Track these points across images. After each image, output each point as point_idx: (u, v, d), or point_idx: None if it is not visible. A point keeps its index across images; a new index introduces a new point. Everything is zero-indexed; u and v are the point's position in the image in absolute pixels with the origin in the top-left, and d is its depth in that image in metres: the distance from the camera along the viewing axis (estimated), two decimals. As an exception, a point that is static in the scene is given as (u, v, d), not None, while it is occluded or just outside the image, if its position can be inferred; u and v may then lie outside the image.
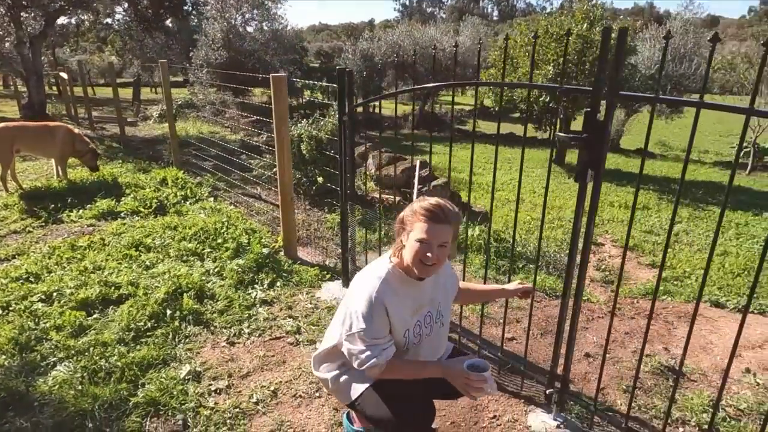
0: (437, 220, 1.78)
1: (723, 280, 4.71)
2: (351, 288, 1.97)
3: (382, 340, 1.84)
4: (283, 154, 3.88)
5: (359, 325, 1.81)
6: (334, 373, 2.03)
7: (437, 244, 1.79)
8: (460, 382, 1.81)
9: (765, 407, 2.63)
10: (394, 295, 1.85)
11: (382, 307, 1.81)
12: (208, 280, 3.63)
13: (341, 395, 2.05)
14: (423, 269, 1.82)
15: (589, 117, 1.92)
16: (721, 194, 8.88)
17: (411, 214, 1.84)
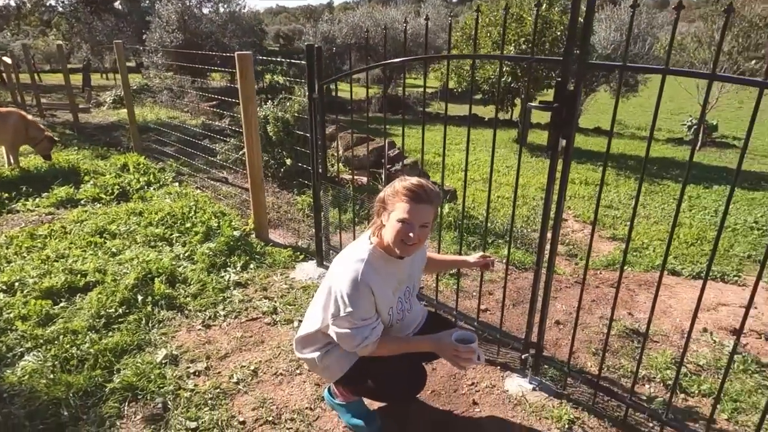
0: (419, 200, 1.79)
1: (678, 250, 4.96)
2: (333, 271, 1.97)
3: (370, 319, 1.87)
4: (251, 135, 3.81)
5: (347, 308, 1.82)
6: (320, 353, 2.05)
7: (419, 225, 1.81)
8: (450, 354, 1.87)
9: (721, 363, 2.81)
10: (377, 275, 1.88)
11: (367, 288, 1.83)
12: (178, 264, 3.56)
13: (328, 373, 2.08)
14: (404, 249, 1.85)
15: (559, 87, 1.97)
16: (674, 169, 9.29)
17: (393, 194, 1.83)
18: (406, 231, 1.80)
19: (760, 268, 1.77)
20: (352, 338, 1.85)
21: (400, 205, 1.80)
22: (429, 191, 1.82)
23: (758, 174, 9.43)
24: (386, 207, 1.85)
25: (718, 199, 7.08)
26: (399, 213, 1.80)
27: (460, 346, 1.83)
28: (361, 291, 1.81)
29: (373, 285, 1.84)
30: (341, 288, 1.84)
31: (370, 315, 1.86)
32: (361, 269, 1.84)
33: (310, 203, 4.76)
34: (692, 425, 2.23)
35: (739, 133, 13.99)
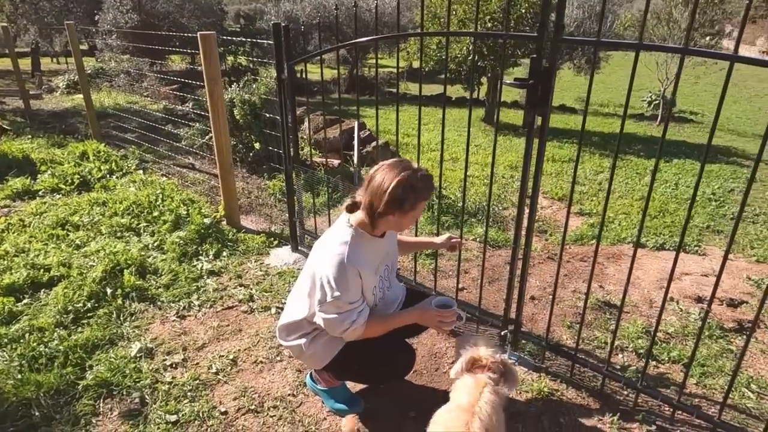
0: (430, 195, 1.87)
1: (644, 222, 5.11)
2: (315, 257, 1.94)
3: (357, 303, 1.85)
4: (218, 119, 3.69)
5: (334, 292, 1.80)
6: (306, 340, 2.02)
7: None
8: (435, 322, 1.92)
9: (688, 330, 2.93)
10: (361, 256, 1.86)
11: (354, 270, 1.81)
12: (148, 255, 3.45)
13: (314, 360, 2.06)
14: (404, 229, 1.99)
15: (534, 64, 1.96)
16: (636, 144, 9.53)
17: (416, 195, 1.79)
18: (416, 221, 2.03)
19: (729, 240, 1.83)
20: (340, 323, 1.83)
21: (420, 204, 1.85)
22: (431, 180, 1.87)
23: (715, 147, 9.78)
24: (403, 203, 1.79)
25: (678, 173, 7.32)
26: (418, 211, 1.88)
27: (443, 311, 1.92)
28: (348, 274, 1.79)
29: (359, 266, 1.83)
30: (327, 273, 1.81)
31: (357, 298, 1.85)
32: (346, 252, 1.81)
33: (281, 188, 4.68)
34: (664, 391, 2.32)
35: (695, 108, 14.46)
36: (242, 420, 2.18)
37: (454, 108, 13.75)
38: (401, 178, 1.76)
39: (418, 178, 1.79)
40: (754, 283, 3.59)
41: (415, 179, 1.78)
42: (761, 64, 1.52)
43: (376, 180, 1.81)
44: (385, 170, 1.81)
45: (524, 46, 10.15)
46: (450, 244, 2.33)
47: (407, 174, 1.78)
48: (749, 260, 4.13)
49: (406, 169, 1.80)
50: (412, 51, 12.74)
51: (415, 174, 1.79)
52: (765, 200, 5.98)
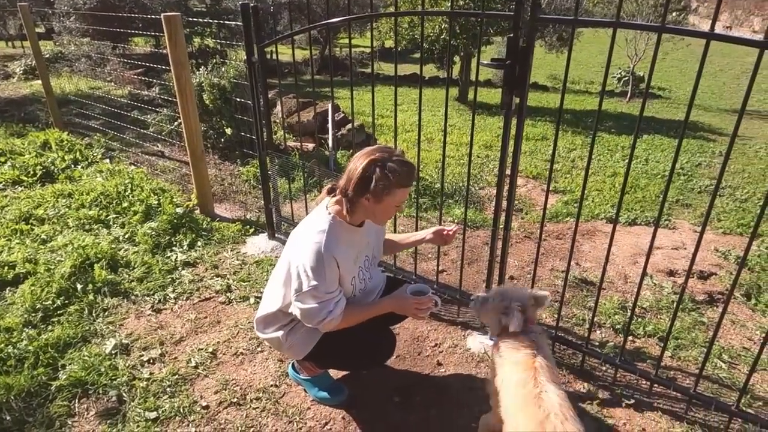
0: (410, 184, 1.82)
1: (615, 199, 5.19)
2: (291, 245, 1.89)
3: (334, 293, 1.81)
4: (186, 104, 3.56)
5: (310, 282, 1.76)
6: (284, 332, 1.99)
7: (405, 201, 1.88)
8: (411, 309, 1.90)
9: (662, 303, 3.00)
10: (340, 244, 1.82)
11: (331, 259, 1.78)
12: (119, 247, 3.34)
13: (295, 351, 2.03)
14: (385, 222, 1.97)
15: (511, 43, 1.93)
16: (607, 121, 9.66)
17: (391, 181, 1.73)
18: (396, 211, 1.91)
19: (705, 217, 1.85)
20: (316, 314, 1.79)
21: (398, 191, 1.78)
22: (415, 170, 1.82)
23: (682, 122, 9.99)
24: (378, 189, 1.74)
25: (647, 148, 7.45)
26: (396, 199, 1.80)
27: (418, 298, 1.92)
28: (325, 263, 1.75)
29: (336, 255, 1.79)
30: (303, 261, 1.77)
31: (334, 288, 1.82)
32: (323, 240, 1.77)
33: (255, 174, 4.59)
34: (641, 365, 2.38)
35: (663, 84, 14.70)
36: (224, 414, 2.14)
37: (428, 88, 13.66)
38: (375, 157, 1.74)
39: (393, 161, 1.74)
40: (721, 255, 3.69)
41: (389, 161, 1.73)
42: (739, 42, 1.52)
43: (352, 163, 1.79)
44: (362, 153, 1.79)
45: (497, 24, 10.09)
46: (443, 237, 2.19)
47: (381, 155, 1.75)
48: (716, 232, 4.24)
49: (383, 152, 1.77)
50: (384, 30, 12.55)
51: (390, 157, 1.75)
52: (731, 173, 6.15)
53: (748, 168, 6.44)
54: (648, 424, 2.10)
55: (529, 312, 1.74)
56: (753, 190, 5.41)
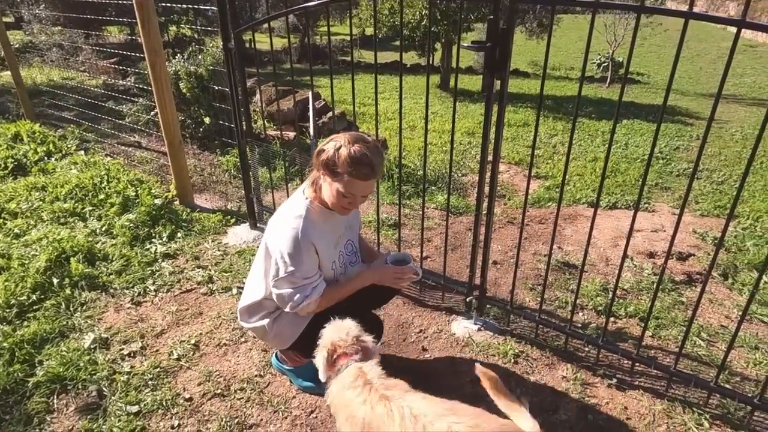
0: (365, 178, 1.73)
1: (596, 183, 5.24)
2: (269, 232, 1.87)
3: (313, 278, 1.80)
4: (162, 93, 3.48)
5: (288, 267, 1.74)
6: (269, 320, 1.97)
7: (360, 196, 1.80)
8: (392, 278, 1.92)
9: (642, 284, 3.04)
10: (317, 229, 1.81)
11: (309, 244, 1.76)
12: (96, 240, 3.26)
13: (280, 340, 2.01)
14: (341, 211, 1.86)
15: (491, 25, 1.91)
16: (587, 107, 9.73)
17: (340, 162, 1.70)
18: (347, 202, 1.79)
19: (683, 201, 1.87)
20: (291, 298, 1.78)
21: (347, 179, 1.72)
22: (375, 166, 1.73)
23: (660, 107, 10.11)
24: (329, 169, 1.74)
25: (627, 133, 7.52)
26: (343, 187, 1.74)
27: (399, 267, 1.92)
28: (302, 248, 1.74)
29: (314, 240, 1.78)
30: (281, 248, 1.75)
31: (313, 273, 1.80)
32: (300, 226, 1.75)
33: (235, 163, 4.52)
34: (623, 345, 2.41)
35: (642, 69, 14.85)
36: (208, 405, 2.12)
37: (409, 75, 13.59)
38: (339, 142, 1.73)
39: (356, 149, 1.70)
40: (699, 236, 3.76)
41: (351, 148, 1.70)
42: (717, 21, 1.52)
43: (325, 141, 1.80)
44: (335, 137, 1.78)
45: (477, 10, 10.05)
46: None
47: (348, 138, 1.74)
48: (694, 214, 4.31)
49: (351, 138, 1.74)
50: (364, 17, 12.43)
51: (354, 143, 1.71)
52: (708, 156, 6.25)
53: (725, 151, 6.56)
54: (630, 402, 2.13)
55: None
56: (729, 173, 5.51)
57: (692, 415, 2.06)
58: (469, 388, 2.20)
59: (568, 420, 2.05)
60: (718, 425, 2.02)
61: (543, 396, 2.16)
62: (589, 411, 2.09)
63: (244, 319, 2.05)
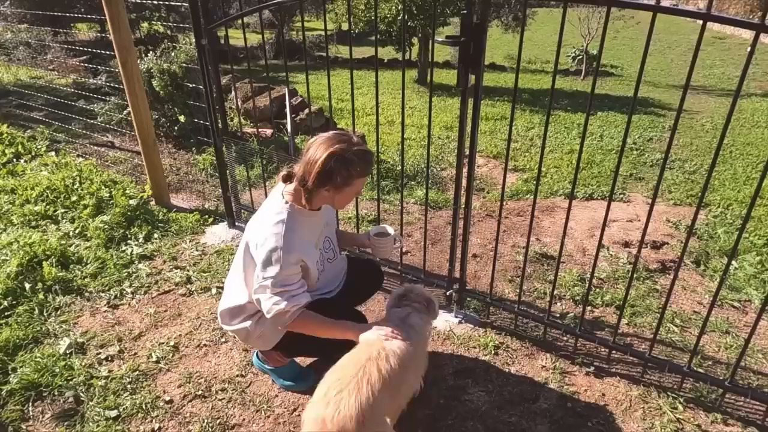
0: (370, 172, 1.86)
1: (572, 175, 5.30)
2: (250, 235, 1.84)
3: (293, 286, 1.76)
4: (135, 91, 3.41)
5: (267, 273, 1.72)
6: (251, 322, 1.94)
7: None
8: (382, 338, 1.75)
9: (618, 273, 3.10)
10: (299, 232, 1.79)
11: (290, 249, 1.73)
12: (69, 243, 3.19)
13: (264, 341, 1.99)
14: (345, 205, 1.98)
15: (465, 20, 1.92)
16: (563, 99, 9.86)
17: (348, 170, 1.71)
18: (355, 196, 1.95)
19: (655, 190, 1.91)
20: (268, 305, 1.74)
21: (357, 180, 1.79)
22: (374, 157, 1.84)
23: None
24: (340, 183, 1.74)
25: (602, 125, 7.65)
26: (356, 188, 1.82)
27: (385, 239, 2.04)
28: (282, 254, 1.71)
29: (297, 244, 1.76)
30: (261, 253, 1.73)
31: (293, 281, 1.76)
32: (282, 231, 1.73)
33: (212, 162, 4.46)
34: (600, 333, 2.46)
35: (615, 62, 15.11)
36: (189, 407, 2.09)
37: (387, 70, 13.59)
38: (334, 150, 1.70)
39: (353, 152, 1.71)
40: (672, 225, 3.85)
41: (349, 153, 1.71)
42: (683, 14, 1.55)
43: (310, 152, 1.74)
44: (321, 142, 1.74)
45: (453, 4, 10.08)
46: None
47: (341, 147, 1.70)
48: (668, 204, 4.42)
49: (342, 142, 1.72)
50: (340, 12, 12.36)
51: (350, 147, 1.72)
52: (680, 147, 6.39)
53: (696, 141, 6.72)
54: (607, 389, 2.18)
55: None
56: (701, 162, 5.65)
57: (667, 399, 2.11)
58: (451, 380, 2.23)
59: (548, 408, 2.08)
60: (692, 408, 2.08)
61: (523, 386, 2.20)
62: (568, 399, 2.13)
63: (225, 321, 2.03)
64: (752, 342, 2.44)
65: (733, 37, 18.17)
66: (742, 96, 9.77)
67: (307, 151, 1.76)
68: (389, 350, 1.64)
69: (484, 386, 2.19)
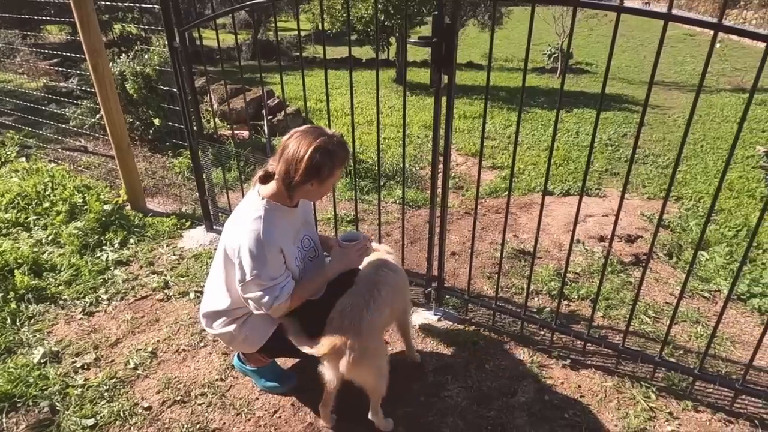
0: (347, 161, 1.83)
1: (550, 172, 5.40)
2: (228, 236, 1.83)
3: (280, 278, 1.78)
4: (107, 95, 3.36)
5: (253, 270, 1.72)
6: (236, 325, 1.94)
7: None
8: (357, 259, 2.01)
9: (593, 268, 3.16)
10: (278, 228, 1.79)
11: (272, 244, 1.74)
12: (42, 250, 3.13)
13: (249, 344, 1.99)
14: (321, 198, 1.98)
15: (436, 21, 1.94)
16: (539, 97, 9.98)
17: (332, 162, 1.75)
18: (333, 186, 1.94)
19: (624, 182, 1.96)
20: (261, 301, 1.76)
21: (338, 171, 1.82)
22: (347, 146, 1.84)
23: (607, 95, 10.47)
24: (321, 173, 1.75)
25: (578, 121, 7.77)
26: (336, 178, 1.84)
27: (356, 244, 2.01)
28: (265, 249, 1.72)
29: (277, 239, 1.76)
30: (243, 251, 1.72)
31: (279, 273, 1.78)
32: (261, 228, 1.73)
33: (189, 165, 4.41)
34: (576, 327, 2.51)
35: (590, 59, 15.34)
36: (168, 413, 2.08)
37: (365, 70, 13.58)
38: (318, 143, 1.71)
39: (335, 143, 1.76)
40: (647, 219, 3.94)
41: (331, 144, 1.74)
42: (645, 15, 1.60)
43: (291, 148, 1.73)
44: (299, 137, 1.74)
45: (429, 3, 10.13)
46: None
47: (323, 140, 1.73)
48: (642, 198, 4.51)
49: (322, 135, 1.74)
50: (317, 12, 12.31)
51: (331, 139, 1.75)
52: (653, 142, 6.53)
53: (668, 136, 6.87)
54: (583, 381, 2.23)
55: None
56: (673, 157, 5.78)
57: (640, 389, 2.17)
58: (431, 377, 2.25)
59: (526, 402, 2.12)
60: (664, 396, 2.14)
61: (502, 381, 2.23)
62: (545, 392, 2.17)
63: (207, 324, 2.01)
64: (721, 330, 2.52)
65: (703, 35, 18.60)
66: (712, 91, 10.01)
67: (285, 147, 1.76)
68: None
69: (464, 382, 2.22)
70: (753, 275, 3.01)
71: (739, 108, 8.65)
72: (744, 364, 2.25)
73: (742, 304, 2.84)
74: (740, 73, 12.14)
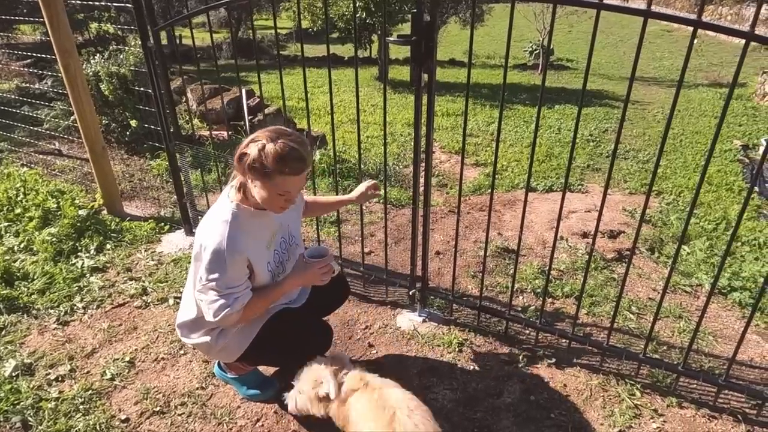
0: (299, 172, 1.64)
1: (533, 168, 5.42)
2: (197, 239, 1.77)
3: (238, 287, 1.71)
4: (79, 96, 3.26)
5: (211, 275, 1.65)
6: (212, 336, 1.87)
7: (297, 191, 1.72)
8: (318, 277, 1.85)
9: (577, 264, 3.17)
10: (245, 233, 1.72)
11: (234, 252, 1.66)
12: (14, 258, 3.03)
13: (227, 354, 1.93)
14: (279, 210, 1.76)
15: (415, 19, 1.90)
16: (521, 93, 10.02)
17: (269, 163, 1.59)
18: (286, 200, 1.70)
19: (607, 178, 1.95)
20: (213, 307, 1.68)
21: (280, 179, 1.62)
22: (305, 156, 1.65)
23: (588, 92, 10.56)
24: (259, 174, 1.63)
25: (560, 118, 7.82)
26: (280, 187, 1.65)
27: (319, 261, 1.85)
28: (227, 255, 1.65)
29: (242, 245, 1.69)
30: (205, 255, 1.66)
31: (238, 282, 1.71)
32: (226, 232, 1.67)
33: (167, 167, 4.31)
34: (561, 325, 2.50)
35: (571, 56, 15.46)
36: (147, 424, 2.02)
37: (348, 68, 13.50)
38: (255, 137, 1.65)
39: (277, 143, 1.60)
40: (629, 214, 3.96)
41: (272, 143, 1.61)
42: (625, 12, 1.58)
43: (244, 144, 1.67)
44: (256, 135, 1.68)
45: (410, 1, 10.10)
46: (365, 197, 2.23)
47: (268, 135, 1.63)
48: (624, 193, 4.55)
49: (273, 132, 1.65)
50: (296, 10, 12.20)
51: (277, 138, 1.62)
52: (633, 137, 6.60)
53: (648, 131, 6.95)
54: (569, 380, 2.22)
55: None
56: (653, 152, 5.84)
57: (625, 386, 2.17)
58: (416, 380, 2.22)
59: (512, 403, 2.10)
60: (649, 393, 2.14)
61: (487, 382, 2.21)
62: (531, 392, 2.16)
63: (184, 334, 1.95)
64: (703, 325, 2.54)
65: (680, 30, 18.86)
66: (690, 86, 10.15)
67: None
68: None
69: (449, 384, 2.20)
70: (733, 269, 3.04)
71: (717, 102, 8.79)
72: (726, 359, 2.26)
73: (723, 298, 2.86)
74: (717, 68, 12.34)
